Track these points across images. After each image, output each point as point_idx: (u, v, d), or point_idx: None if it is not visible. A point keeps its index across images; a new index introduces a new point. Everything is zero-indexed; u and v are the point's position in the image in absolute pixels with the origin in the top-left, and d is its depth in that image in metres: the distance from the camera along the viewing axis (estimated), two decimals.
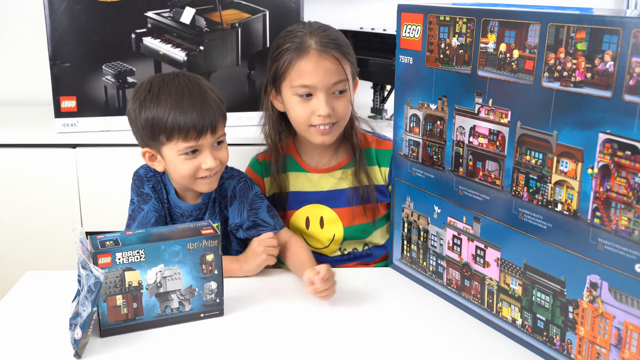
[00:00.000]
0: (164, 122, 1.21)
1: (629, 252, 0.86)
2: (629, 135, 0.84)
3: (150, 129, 1.23)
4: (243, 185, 1.36)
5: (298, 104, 1.36)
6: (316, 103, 1.34)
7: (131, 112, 1.27)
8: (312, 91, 1.35)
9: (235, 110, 1.85)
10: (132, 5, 1.76)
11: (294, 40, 1.36)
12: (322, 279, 1.13)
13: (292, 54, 1.35)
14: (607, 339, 0.91)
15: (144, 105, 1.23)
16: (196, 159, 1.24)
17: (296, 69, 1.34)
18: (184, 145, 1.22)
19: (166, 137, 1.22)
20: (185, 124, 1.20)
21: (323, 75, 1.33)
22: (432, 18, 1.12)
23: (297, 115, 1.37)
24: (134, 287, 1.05)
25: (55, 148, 1.77)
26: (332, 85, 1.35)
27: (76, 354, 0.99)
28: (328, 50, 1.35)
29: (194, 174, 1.25)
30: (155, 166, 1.29)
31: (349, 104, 1.38)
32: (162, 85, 1.25)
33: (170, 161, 1.25)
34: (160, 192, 1.34)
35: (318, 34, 1.37)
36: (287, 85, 1.36)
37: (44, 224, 1.81)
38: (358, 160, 1.44)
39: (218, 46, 1.82)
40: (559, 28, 0.91)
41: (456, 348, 1.04)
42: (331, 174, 1.45)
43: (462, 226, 1.13)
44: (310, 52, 1.34)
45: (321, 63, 1.33)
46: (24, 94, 2.26)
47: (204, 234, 1.08)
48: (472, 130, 1.08)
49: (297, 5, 1.81)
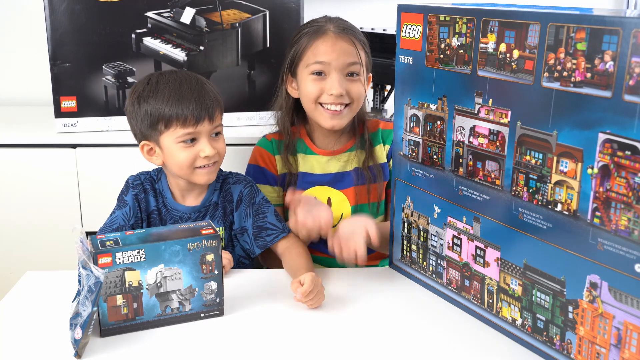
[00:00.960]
0: (162, 110, 1.24)
1: (628, 252, 0.86)
2: (628, 135, 0.84)
3: (149, 119, 1.25)
4: (250, 190, 1.36)
5: (311, 82, 1.39)
6: (329, 82, 1.37)
7: (129, 106, 1.30)
8: (325, 69, 1.38)
9: (235, 110, 1.85)
10: (132, 5, 1.76)
11: (313, 25, 1.42)
12: (303, 293, 1.12)
13: (311, 35, 1.40)
14: (607, 339, 0.91)
15: (142, 97, 1.26)
16: (194, 147, 1.26)
17: (312, 48, 1.39)
18: (182, 132, 1.24)
19: (165, 125, 1.24)
20: (184, 111, 1.23)
21: (339, 54, 1.37)
22: (432, 18, 1.12)
23: (308, 93, 1.39)
24: (134, 287, 1.05)
25: (55, 148, 1.77)
26: (347, 66, 1.38)
27: (76, 354, 0.99)
28: (345, 33, 1.40)
29: (192, 163, 1.26)
30: (153, 160, 1.31)
31: (362, 89, 1.42)
32: (161, 78, 1.28)
33: (169, 151, 1.26)
34: (146, 201, 1.34)
35: (336, 21, 1.43)
36: (303, 66, 1.40)
37: (44, 224, 1.81)
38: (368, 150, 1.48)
39: (218, 46, 1.82)
40: (558, 28, 0.91)
41: (456, 348, 1.04)
42: (338, 156, 1.48)
43: (462, 226, 1.13)
44: (328, 33, 1.39)
45: (338, 43, 1.38)
46: (24, 94, 2.26)
47: (204, 234, 1.08)
48: (472, 130, 1.08)
49: (297, 5, 1.81)
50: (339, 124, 1.41)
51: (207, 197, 1.35)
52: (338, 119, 1.40)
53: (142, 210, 1.34)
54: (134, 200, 1.33)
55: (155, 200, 1.35)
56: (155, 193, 1.35)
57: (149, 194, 1.35)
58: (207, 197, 1.35)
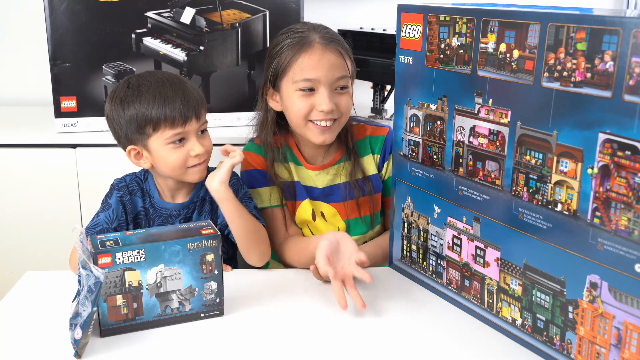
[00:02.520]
0: (149, 113, 1.22)
1: (628, 252, 0.86)
2: (628, 135, 0.84)
3: (135, 123, 1.23)
4: (234, 183, 1.34)
5: (299, 99, 1.33)
6: (319, 98, 1.31)
7: (111, 112, 1.27)
8: (314, 85, 1.32)
9: (235, 110, 1.85)
10: (132, 5, 1.76)
11: (295, 36, 1.34)
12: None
13: (295, 48, 1.32)
14: (607, 339, 0.91)
15: (125, 101, 1.24)
16: (184, 147, 1.25)
17: (299, 63, 1.31)
18: (171, 133, 1.23)
19: (153, 128, 1.23)
20: (172, 112, 1.22)
21: (327, 69, 1.31)
22: (432, 18, 1.12)
23: (297, 110, 1.33)
24: (134, 287, 1.05)
25: (55, 148, 1.77)
26: (336, 80, 1.32)
27: (76, 354, 0.99)
28: (332, 44, 1.33)
29: (184, 163, 1.25)
30: (141, 164, 1.29)
31: (350, 101, 1.37)
32: (141, 80, 1.26)
33: (158, 154, 1.25)
34: (133, 202, 1.33)
35: (320, 31, 1.35)
36: (288, 81, 1.33)
37: (44, 224, 1.81)
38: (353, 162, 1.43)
39: (218, 46, 1.82)
40: (558, 28, 0.91)
41: (456, 348, 1.04)
42: (326, 170, 1.44)
43: (462, 226, 1.13)
44: (314, 45, 1.32)
45: (325, 56, 1.31)
46: (24, 94, 2.26)
47: (204, 234, 1.08)
48: (472, 130, 1.08)
49: (297, 5, 1.81)
50: (329, 138, 1.36)
51: (195, 194, 1.35)
52: (328, 134, 1.35)
53: (128, 212, 1.33)
54: (118, 202, 1.32)
55: (142, 201, 1.34)
56: (143, 193, 1.35)
57: (135, 195, 1.34)
58: (195, 194, 1.35)
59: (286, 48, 1.33)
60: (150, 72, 1.29)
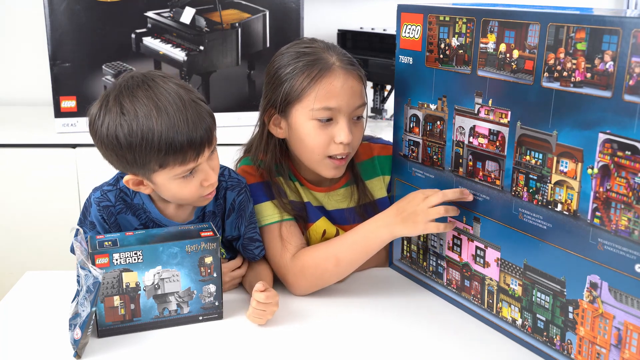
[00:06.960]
0: (154, 147, 1.01)
1: (628, 252, 0.86)
2: (628, 135, 0.83)
3: (133, 155, 1.03)
4: (243, 198, 1.20)
5: (316, 130, 1.17)
6: (337, 129, 1.16)
7: (102, 132, 1.04)
8: (334, 115, 1.16)
9: (235, 110, 1.85)
10: (132, 5, 1.76)
11: (309, 58, 1.17)
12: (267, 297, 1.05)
13: (313, 71, 1.15)
14: (607, 339, 0.91)
15: (122, 133, 1.01)
16: (195, 178, 1.08)
17: (319, 89, 1.15)
18: (181, 170, 1.05)
19: (159, 165, 1.04)
20: (181, 145, 1.01)
21: (350, 96, 1.16)
22: (432, 18, 1.12)
23: (315, 144, 1.18)
24: (131, 288, 1.05)
25: (55, 148, 1.77)
26: (355, 109, 1.18)
27: (76, 354, 0.99)
28: (353, 69, 1.19)
29: (196, 194, 1.10)
30: (141, 190, 1.11)
31: (363, 132, 1.24)
32: (135, 102, 1.02)
33: (164, 187, 1.08)
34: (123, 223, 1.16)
35: (337, 52, 1.20)
36: (303, 109, 1.17)
37: (44, 224, 1.81)
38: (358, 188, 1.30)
39: (218, 46, 1.82)
40: (558, 28, 0.91)
41: (456, 348, 1.04)
42: (332, 193, 1.30)
43: (462, 226, 1.13)
44: (335, 70, 1.16)
45: (348, 82, 1.16)
46: (24, 94, 2.26)
47: (203, 236, 1.07)
48: (472, 131, 1.08)
49: (297, 5, 1.81)
50: (341, 172, 1.23)
51: (199, 208, 1.19)
52: (342, 168, 1.22)
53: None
54: (101, 223, 1.14)
55: (136, 218, 1.16)
56: (135, 210, 1.15)
57: (126, 214, 1.15)
58: (199, 208, 1.19)
59: (300, 70, 1.16)
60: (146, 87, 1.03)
